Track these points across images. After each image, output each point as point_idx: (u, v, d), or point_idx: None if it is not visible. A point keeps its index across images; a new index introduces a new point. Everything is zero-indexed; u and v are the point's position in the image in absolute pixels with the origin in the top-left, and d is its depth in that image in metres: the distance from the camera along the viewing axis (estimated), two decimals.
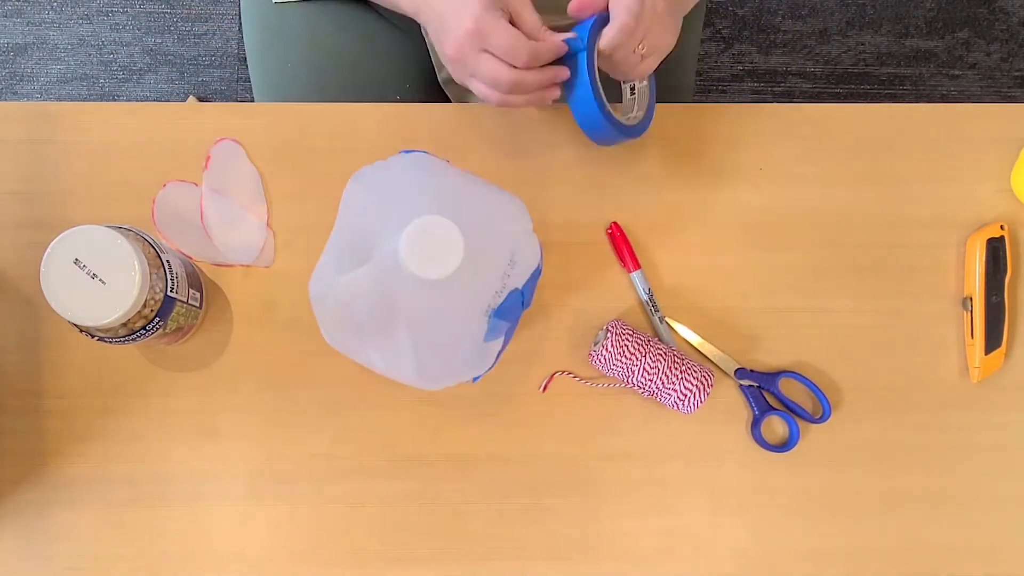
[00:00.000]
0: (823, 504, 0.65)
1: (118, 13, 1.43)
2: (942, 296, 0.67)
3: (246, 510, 0.63)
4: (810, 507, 0.65)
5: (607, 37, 0.56)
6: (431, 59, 0.79)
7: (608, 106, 0.59)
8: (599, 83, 0.58)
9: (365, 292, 0.51)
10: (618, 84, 0.65)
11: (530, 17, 0.55)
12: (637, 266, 0.65)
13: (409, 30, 0.77)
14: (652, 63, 0.61)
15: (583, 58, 0.57)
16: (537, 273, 0.55)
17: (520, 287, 0.53)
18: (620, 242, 0.66)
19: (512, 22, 0.55)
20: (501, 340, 0.55)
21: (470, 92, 0.79)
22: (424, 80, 0.80)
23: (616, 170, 0.67)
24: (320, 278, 0.54)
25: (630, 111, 0.65)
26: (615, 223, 0.66)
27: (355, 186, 0.54)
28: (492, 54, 0.54)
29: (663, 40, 0.60)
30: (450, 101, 0.81)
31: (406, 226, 0.47)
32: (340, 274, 0.52)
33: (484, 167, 0.67)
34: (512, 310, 0.53)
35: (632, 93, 0.65)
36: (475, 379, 0.57)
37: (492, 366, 0.57)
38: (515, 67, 0.54)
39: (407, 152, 0.54)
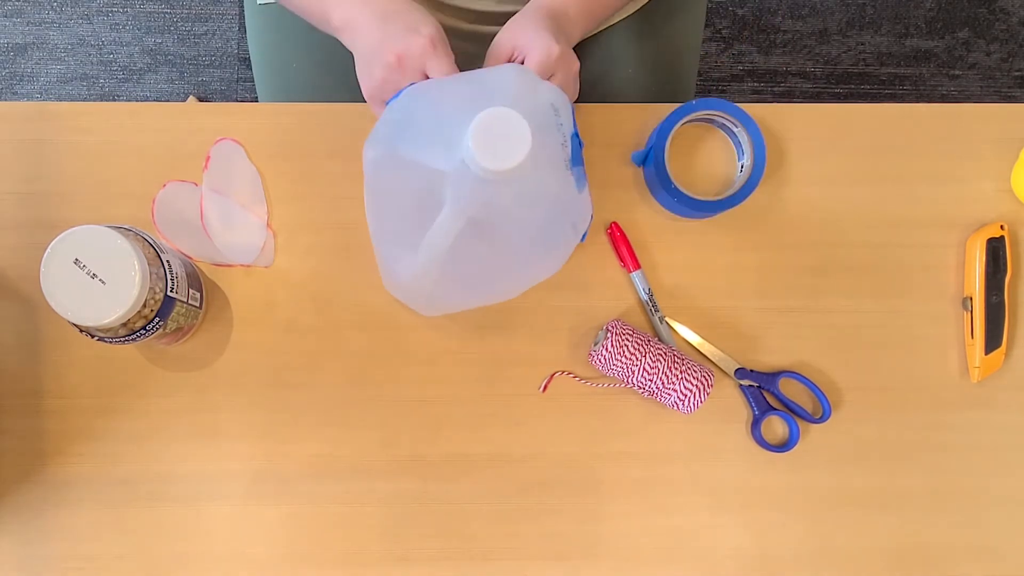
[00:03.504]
0: (823, 504, 0.65)
1: (118, 13, 1.43)
2: (942, 296, 0.67)
3: (246, 510, 0.63)
4: (810, 507, 0.65)
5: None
6: None
7: (673, 183, 0.63)
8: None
9: (453, 239, 0.49)
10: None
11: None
12: (637, 266, 0.65)
13: None
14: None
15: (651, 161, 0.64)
16: (572, 109, 0.55)
17: (574, 130, 0.53)
18: (620, 242, 0.66)
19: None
20: (587, 186, 0.55)
21: None
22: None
23: (616, 170, 0.67)
24: (393, 263, 0.53)
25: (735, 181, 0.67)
26: (615, 223, 0.66)
27: (376, 156, 0.52)
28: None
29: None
30: None
31: (462, 144, 0.46)
32: (420, 243, 0.51)
33: None
34: (579, 153, 0.54)
35: (740, 162, 0.67)
36: (583, 237, 0.57)
37: (592, 216, 0.57)
38: None
39: (395, 98, 0.53)
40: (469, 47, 0.75)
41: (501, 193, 0.48)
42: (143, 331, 0.54)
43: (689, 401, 0.61)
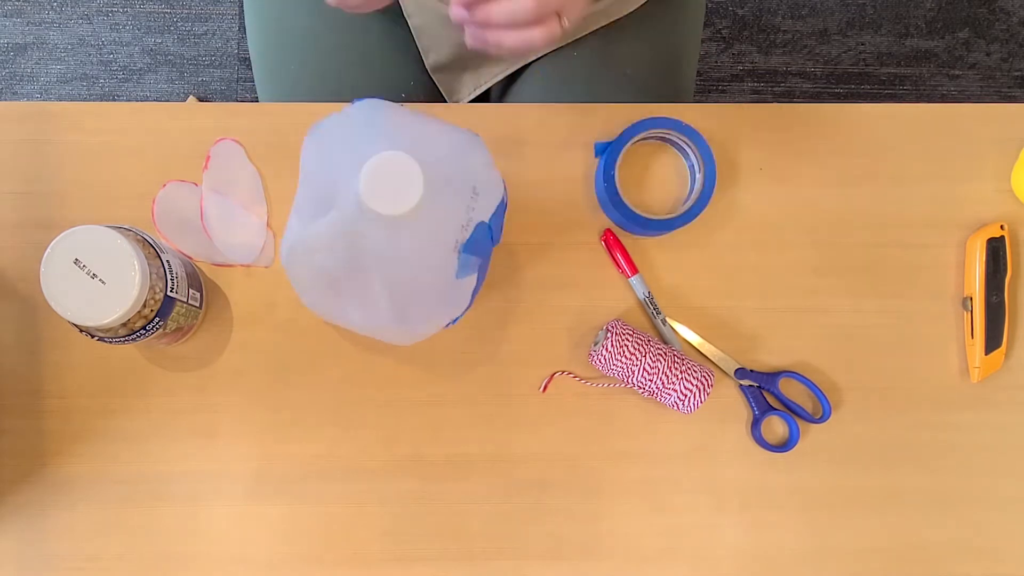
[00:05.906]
0: (823, 504, 0.65)
1: (118, 13, 1.43)
2: (942, 296, 0.67)
3: (246, 510, 0.63)
4: (810, 507, 0.65)
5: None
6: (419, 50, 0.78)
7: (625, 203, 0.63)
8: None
9: (331, 242, 0.50)
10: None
11: None
12: (635, 271, 0.65)
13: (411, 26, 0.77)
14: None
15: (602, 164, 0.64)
16: (503, 207, 0.54)
17: (487, 220, 0.52)
18: (614, 248, 0.66)
19: None
20: (474, 278, 0.54)
21: (458, 82, 0.79)
22: (427, 79, 0.80)
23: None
24: (289, 237, 0.53)
25: (687, 198, 0.66)
26: (608, 230, 0.66)
27: (311, 140, 0.53)
28: None
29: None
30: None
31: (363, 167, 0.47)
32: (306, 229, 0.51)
33: None
34: (481, 244, 0.52)
35: (692, 181, 0.66)
36: (453, 321, 0.56)
37: (467, 308, 0.56)
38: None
39: (360, 100, 0.53)
40: None
41: (376, 234, 0.48)
42: (143, 331, 0.54)
43: (689, 401, 0.61)
